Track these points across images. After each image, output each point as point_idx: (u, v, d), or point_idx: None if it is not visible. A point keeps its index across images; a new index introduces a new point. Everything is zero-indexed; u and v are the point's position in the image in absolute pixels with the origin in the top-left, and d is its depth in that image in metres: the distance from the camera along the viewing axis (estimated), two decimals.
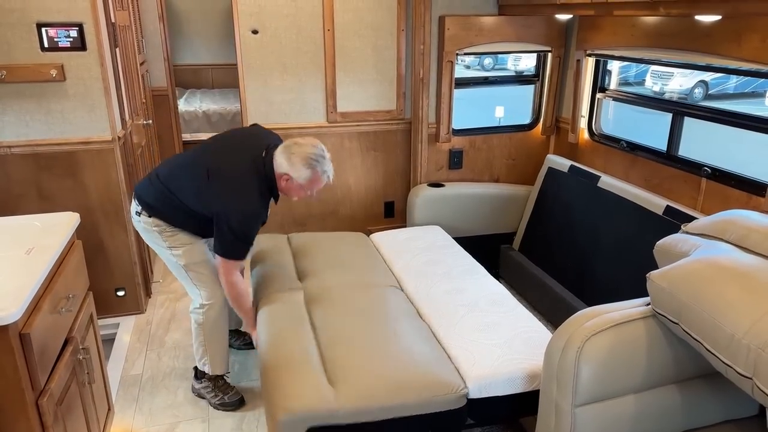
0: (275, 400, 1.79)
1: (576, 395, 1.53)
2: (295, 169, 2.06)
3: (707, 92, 10.86)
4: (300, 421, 1.74)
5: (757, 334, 1.25)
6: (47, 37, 2.55)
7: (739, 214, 1.70)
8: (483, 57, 14.47)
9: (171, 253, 2.23)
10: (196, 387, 2.45)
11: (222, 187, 2.06)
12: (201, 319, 2.31)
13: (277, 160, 2.09)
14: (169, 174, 2.19)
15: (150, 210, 2.18)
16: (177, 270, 2.28)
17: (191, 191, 2.13)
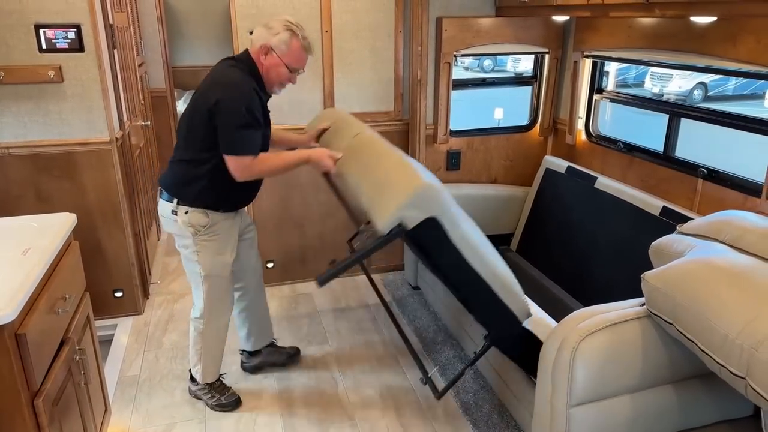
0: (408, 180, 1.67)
1: (571, 395, 1.54)
2: (273, 32, 1.97)
3: (706, 94, 10.88)
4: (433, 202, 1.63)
5: (751, 334, 1.26)
6: (45, 38, 2.56)
7: (734, 214, 1.71)
8: (482, 59, 14.51)
9: (197, 260, 2.15)
10: (193, 389, 2.45)
11: (207, 90, 1.98)
12: (201, 328, 2.29)
13: (253, 37, 2.00)
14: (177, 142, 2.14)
15: (176, 192, 2.08)
16: (195, 278, 2.22)
17: (191, 130, 2.03)
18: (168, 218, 2.15)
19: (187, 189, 2.07)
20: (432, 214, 1.63)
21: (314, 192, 3.36)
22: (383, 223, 1.61)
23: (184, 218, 2.09)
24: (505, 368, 2.30)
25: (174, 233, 2.19)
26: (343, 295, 3.38)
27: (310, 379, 2.59)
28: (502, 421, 2.30)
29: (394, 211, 1.61)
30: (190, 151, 2.06)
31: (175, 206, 2.09)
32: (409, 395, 2.48)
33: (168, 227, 2.20)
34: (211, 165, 2.02)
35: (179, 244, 2.22)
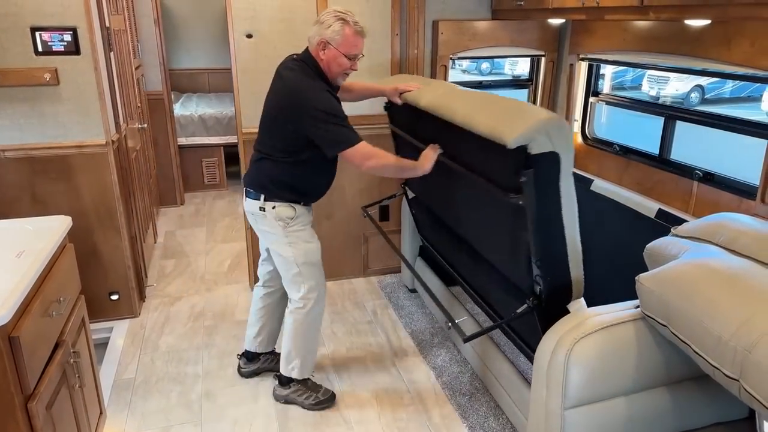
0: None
1: (566, 398, 1.54)
2: (326, 26, 2.03)
3: (703, 96, 10.91)
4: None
5: (744, 336, 1.26)
6: (41, 41, 2.56)
7: (728, 217, 1.71)
8: (480, 62, 14.53)
9: (291, 251, 2.22)
10: (284, 394, 2.41)
11: (287, 99, 2.06)
12: (300, 318, 2.30)
13: (309, 35, 2.10)
14: (258, 142, 2.22)
15: (262, 189, 2.17)
16: (291, 269, 2.26)
17: (274, 133, 2.12)
18: (256, 215, 2.23)
19: (273, 185, 2.17)
20: (557, 150, 1.64)
21: None
22: (513, 139, 1.60)
23: (272, 213, 2.17)
24: (502, 371, 2.30)
25: (263, 230, 2.27)
26: (339, 297, 3.37)
27: None
28: (498, 423, 2.30)
29: (526, 131, 1.60)
30: (274, 151, 2.15)
31: (262, 203, 2.18)
32: (405, 398, 2.48)
33: (257, 225, 2.27)
34: (294, 162, 2.12)
35: (269, 240, 2.28)
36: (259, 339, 2.56)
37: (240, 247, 4.01)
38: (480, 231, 2.24)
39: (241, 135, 3.14)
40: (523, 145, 1.60)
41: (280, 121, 2.09)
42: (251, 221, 2.31)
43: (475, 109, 1.87)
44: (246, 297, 3.35)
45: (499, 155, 1.71)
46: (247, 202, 2.26)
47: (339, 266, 3.56)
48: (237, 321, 3.09)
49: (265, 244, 2.37)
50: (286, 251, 2.24)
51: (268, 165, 2.17)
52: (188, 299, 3.34)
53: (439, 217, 2.67)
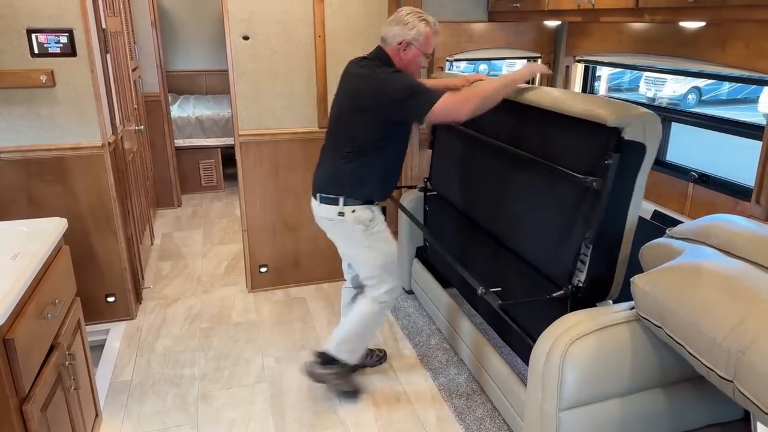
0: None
1: (561, 399, 1.54)
2: (409, 28, 2.05)
3: (700, 98, 10.94)
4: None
5: (738, 337, 1.26)
6: (37, 42, 2.55)
7: (723, 218, 1.72)
8: (477, 63, 14.57)
9: (373, 253, 2.24)
10: (321, 372, 2.43)
11: (363, 88, 2.07)
12: (376, 311, 2.33)
13: (388, 35, 2.09)
14: (333, 145, 2.20)
15: (340, 193, 2.16)
16: (368, 269, 2.29)
17: (355, 128, 2.11)
18: (334, 220, 2.21)
19: (352, 186, 2.16)
20: (647, 143, 1.72)
21: (308, 196, 3.34)
22: (613, 118, 1.67)
23: (352, 216, 2.18)
24: (498, 372, 2.30)
25: (341, 234, 2.26)
26: (336, 298, 3.37)
27: (302, 384, 2.58)
28: (494, 425, 2.30)
29: (626, 115, 1.69)
30: (355, 148, 2.12)
31: (341, 207, 2.17)
32: (401, 399, 2.48)
33: (334, 230, 2.26)
34: (376, 155, 2.13)
35: (347, 245, 2.28)
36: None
37: (237, 249, 4.01)
38: (518, 220, 2.23)
39: (238, 137, 3.14)
40: (618, 128, 1.68)
41: (363, 113, 2.07)
42: (326, 227, 2.30)
43: (566, 97, 1.94)
44: (243, 299, 3.36)
45: (587, 137, 1.79)
46: (322, 208, 2.23)
47: (335, 267, 3.55)
48: (234, 323, 3.09)
49: (341, 248, 2.36)
50: (365, 255, 2.25)
51: (347, 165, 2.15)
52: (185, 301, 3.33)
53: (459, 210, 2.68)
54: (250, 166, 3.21)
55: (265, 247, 3.38)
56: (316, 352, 2.50)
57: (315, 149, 3.25)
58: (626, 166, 1.74)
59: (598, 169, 1.75)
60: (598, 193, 1.75)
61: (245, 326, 3.06)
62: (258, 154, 3.20)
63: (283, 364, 2.73)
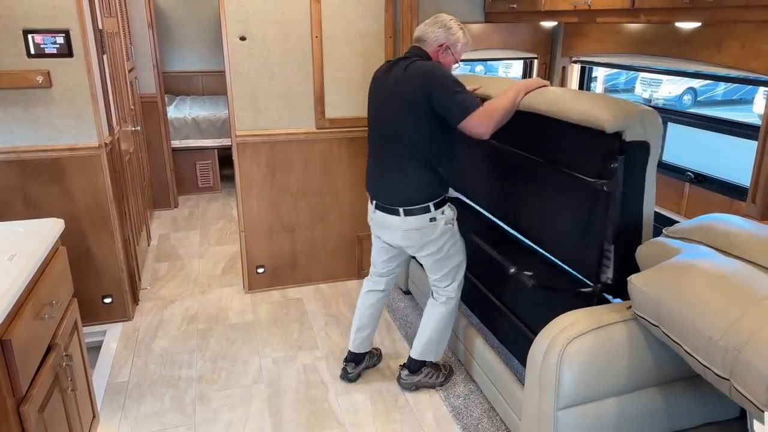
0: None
1: (558, 398, 1.54)
2: (451, 33, 2.15)
3: (696, 99, 10.98)
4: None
5: (734, 335, 1.27)
6: (33, 43, 2.55)
7: (719, 218, 1.72)
8: (474, 64, 14.57)
9: (456, 251, 2.29)
10: (415, 380, 2.50)
11: (411, 81, 2.06)
12: (452, 308, 2.40)
13: (429, 36, 2.16)
14: (395, 153, 2.17)
15: (429, 199, 2.15)
16: (447, 263, 2.32)
17: (413, 125, 2.09)
18: (424, 228, 2.19)
19: (432, 188, 2.16)
20: (649, 140, 1.74)
21: (305, 197, 3.37)
22: (611, 124, 1.69)
23: (443, 218, 2.19)
24: (496, 372, 2.31)
25: (430, 240, 2.22)
26: (334, 299, 3.37)
27: (299, 385, 2.58)
28: (492, 424, 2.31)
29: (624, 118, 1.70)
30: (422, 159, 2.12)
31: (433, 213, 2.17)
32: (399, 399, 2.48)
33: (424, 238, 2.21)
34: (441, 146, 2.13)
35: (433, 248, 2.25)
36: (369, 339, 2.59)
37: (234, 250, 4.01)
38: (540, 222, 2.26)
39: (235, 137, 3.14)
40: (619, 131, 1.70)
41: (417, 108, 2.06)
42: (412, 239, 2.23)
43: (564, 99, 1.94)
44: (240, 300, 3.35)
45: (590, 142, 1.81)
46: (410, 221, 2.18)
47: (333, 268, 3.56)
48: (231, 324, 3.09)
49: (425, 254, 2.28)
50: (451, 249, 2.29)
51: (423, 172, 2.14)
52: (182, 302, 3.33)
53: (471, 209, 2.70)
54: (247, 167, 3.21)
55: (262, 247, 3.38)
56: (401, 366, 2.56)
57: (312, 150, 3.29)
58: (633, 165, 1.76)
59: (606, 172, 1.76)
60: (609, 194, 1.77)
61: (242, 327, 3.06)
62: (255, 155, 3.20)
63: (281, 365, 2.73)
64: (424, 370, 2.51)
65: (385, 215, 2.25)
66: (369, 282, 2.56)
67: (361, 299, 2.57)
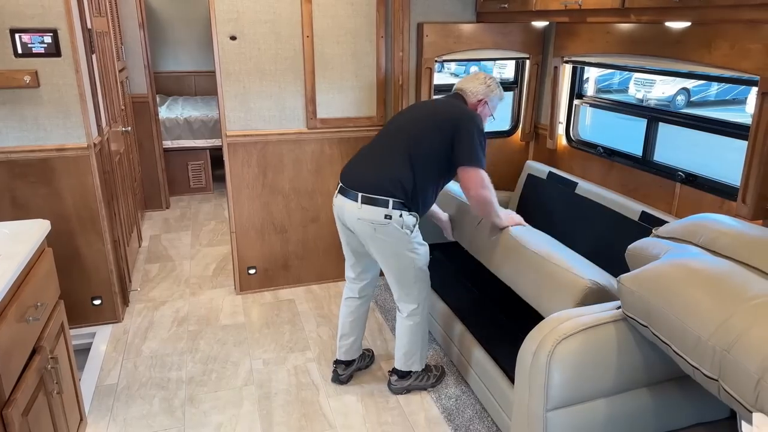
0: None
1: (548, 399, 1.53)
2: (490, 90, 2.36)
3: (689, 99, 11.01)
4: None
5: (723, 336, 1.26)
6: (21, 42, 2.53)
7: (708, 217, 1.72)
8: (469, 65, 14.57)
9: (414, 256, 2.26)
10: (405, 385, 2.49)
11: (446, 115, 2.25)
12: (418, 320, 2.38)
13: (470, 90, 2.36)
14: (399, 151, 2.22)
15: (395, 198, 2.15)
16: (409, 274, 2.29)
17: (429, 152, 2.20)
18: (377, 223, 2.17)
19: (407, 194, 2.18)
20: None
21: (296, 198, 3.35)
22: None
23: (399, 221, 2.18)
24: (487, 373, 2.30)
25: (381, 239, 2.21)
26: (325, 300, 3.36)
27: (290, 386, 2.57)
28: (483, 425, 2.30)
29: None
30: (419, 166, 2.20)
31: (390, 210, 2.16)
32: (390, 401, 2.47)
33: (374, 234, 2.20)
34: (438, 174, 2.26)
35: (385, 249, 2.24)
36: (356, 346, 2.58)
37: (225, 251, 3.99)
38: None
39: (226, 138, 3.12)
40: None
41: (442, 132, 2.20)
42: (363, 230, 2.21)
43: (516, 279, 2.18)
44: (231, 301, 3.33)
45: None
46: (365, 209, 2.16)
47: (324, 269, 3.55)
48: (221, 325, 3.07)
49: (375, 253, 2.28)
50: (407, 258, 2.25)
51: (410, 175, 2.17)
52: (172, 304, 3.31)
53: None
54: (238, 168, 3.19)
55: (253, 248, 3.36)
56: (389, 372, 2.55)
57: (304, 150, 3.27)
58: None
59: None
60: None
61: (233, 329, 3.04)
62: (246, 156, 3.18)
63: (271, 367, 2.71)
64: (412, 374, 2.49)
65: (344, 199, 2.24)
66: (346, 289, 2.55)
67: (341, 306, 2.56)
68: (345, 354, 2.57)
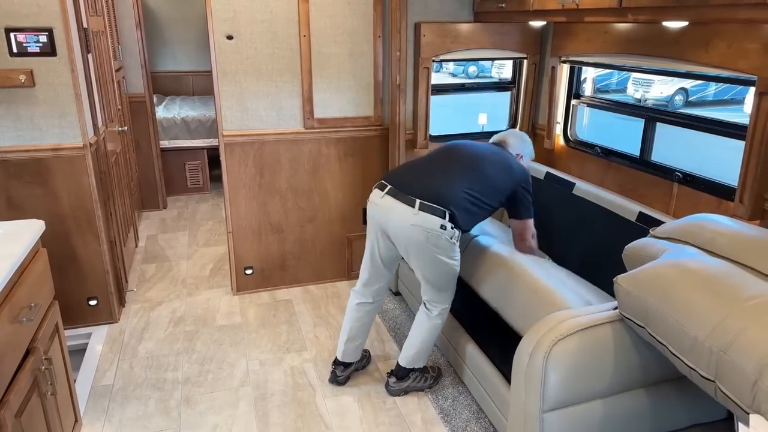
0: None
1: (544, 400, 1.53)
2: (526, 146, 2.64)
3: (687, 99, 11.01)
4: None
5: (719, 336, 1.25)
6: (16, 42, 2.51)
7: (705, 218, 1.72)
8: (467, 65, 14.55)
9: (455, 263, 2.29)
10: (404, 386, 2.49)
11: (508, 164, 2.42)
12: (440, 323, 2.41)
13: (512, 144, 2.59)
14: (469, 172, 2.32)
15: (451, 211, 2.19)
16: (444, 279, 2.32)
17: (490, 186, 2.32)
18: (431, 231, 2.18)
19: (461, 213, 2.22)
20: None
21: (293, 197, 3.34)
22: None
23: (451, 232, 2.21)
24: (484, 374, 2.29)
25: (429, 247, 2.21)
26: (323, 300, 3.35)
27: (287, 387, 2.56)
28: (480, 426, 2.29)
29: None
30: (481, 195, 2.28)
31: (446, 221, 2.18)
32: (387, 402, 2.46)
33: (425, 242, 2.20)
34: (483, 209, 2.32)
35: (429, 257, 2.24)
36: (359, 349, 2.58)
37: (222, 251, 3.98)
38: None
39: (222, 138, 3.11)
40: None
41: (499, 179, 2.35)
42: (413, 236, 2.20)
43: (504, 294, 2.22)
44: (228, 301, 3.32)
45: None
46: (422, 216, 2.17)
47: (322, 269, 3.54)
48: (218, 326, 3.06)
49: (417, 258, 2.27)
50: (448, 265, 2.28)
51: (468, 203, 2.25)
52: (169, 304, 3.29)
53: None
54: (235, 168, 3.18)
55: (250, 248, 3.35)
56: (388, 373, 2.54)
57: (301, 150, 3.26)
58: None
59: None
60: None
61: (230, 329, 3.03)
62: (243, 156, 3.17)
63: (268, 368, 2.70)
64: (411, 375, 2.48)
65: (396, 201, 2.22)
66: (357, 294, 2.52)
67: (350, 311, 2.52)
68: (347, 356, 2.55)
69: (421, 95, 3.17)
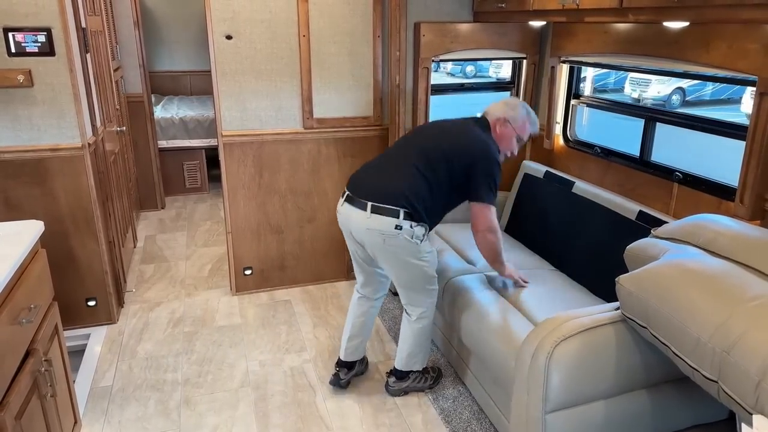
0: None
1: (546, 401, 1.53)
2: (512, 109, 2.34)
3: (684, 99, 11.03)
4: None
5: (722, 337, 1.25)
6: (14, 41, 2.50)
7: (707, 218, 1.72)
8: (465, 65, 14.56)
9: (424, 264, 2.23)
10: (404, 386, 2.48)
11: (465, 147, 2.23)
12: (426, 323, 2.38)
13: (492, 111, 2.37)
14: (415, 163, 2.21)
15: (405, 208, 2.12)
16: (416, 282, 2.29)
17: (444, 164, 2.20)
18: (387, 234, 2.13)
19: (419, 207, 2.15)
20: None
21: (293, 198, 3.33)
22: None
23: (409, 231, 2.14)
24: (484, 375, 2.29)
25: (390, 249, 2.17)
26: (322, 301, 3.34)
27: (287, 388, 2.55)
28: (481, 427, 2.29)
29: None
30: (435, 176, 2.19)
31: (400, 221, 2.12)
32: (387, 403, 2.46)
33: (383, 244, 2.16)
34: (449, 191, 2.23)
35: (395, 259, 2.21)
36: (362, 347, 2.56)
37: (221, 252, 3.97)
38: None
39: (221, 137, 3.10)
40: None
41: (458, 165, 2.20)
42: (373, 240, 2.17)
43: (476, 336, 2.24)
44: (227, 302, 3.31)
45: None
46: (375, 219, 2.12)
47: (321, 269, 3.53)
48: (217, 327, 3.05)
49: (384, 262, 2.25)
50: (417, 266, 2.23)
51: (424, 187, 2.16)
52: (168, 304, 3.28)
53: None
54: (234, 168, 3.17)
55: (249, 249, 3.34)
56: (387, 373, 2.53)
57: (300, 150, 3.26)
58: None
59: None
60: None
61: (229, 330, 3.03)
62: (242, 156, 3.16)
63: (268, 368, 2.69)
64: (411, 375, 2.48)
65: (352, 208, 2.19)
66: (358, 291, 2.52)
67: (352, 308, 2.52)
68: (350, 355, 2.54)
69: (421, 95, 3.17)
